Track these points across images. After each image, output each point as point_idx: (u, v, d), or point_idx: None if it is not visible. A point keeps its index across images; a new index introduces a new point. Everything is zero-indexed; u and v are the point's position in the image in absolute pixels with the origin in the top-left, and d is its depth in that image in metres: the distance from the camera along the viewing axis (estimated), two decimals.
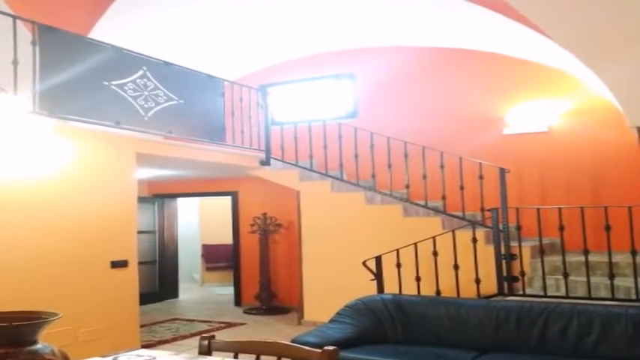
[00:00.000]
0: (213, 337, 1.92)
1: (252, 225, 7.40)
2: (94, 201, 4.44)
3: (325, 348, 1.70)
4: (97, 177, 4.49)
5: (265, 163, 6.22)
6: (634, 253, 3.99)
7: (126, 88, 4.77)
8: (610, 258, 4.10)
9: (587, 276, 4.18)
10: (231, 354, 1.87)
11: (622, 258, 4.41)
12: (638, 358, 3.06)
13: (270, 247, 7.43)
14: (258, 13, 5.84)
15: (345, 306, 3.93)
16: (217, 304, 8.11)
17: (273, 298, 7.31)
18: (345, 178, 5.98)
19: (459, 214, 5.23)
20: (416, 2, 5.39)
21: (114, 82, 4.68)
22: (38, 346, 1.43)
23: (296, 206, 6.25)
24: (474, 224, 4.80)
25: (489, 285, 4.66)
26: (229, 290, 8.38)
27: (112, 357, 1.76)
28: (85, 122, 4.44)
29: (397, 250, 4.77)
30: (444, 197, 5.36)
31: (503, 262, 4.63)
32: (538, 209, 4.44)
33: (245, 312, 7.21)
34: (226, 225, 8.26)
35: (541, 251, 4.45)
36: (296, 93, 7.48)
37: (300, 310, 6.20)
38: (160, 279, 8.47)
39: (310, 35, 6.64)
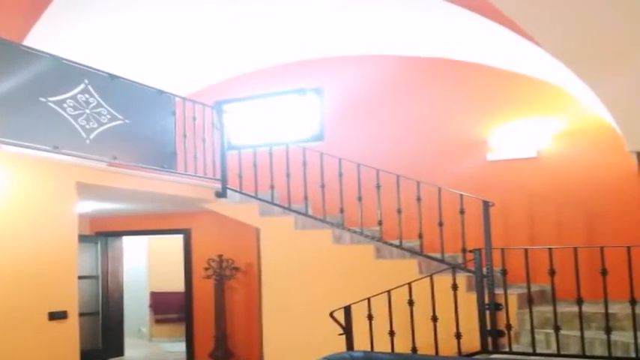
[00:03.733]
0: None
1: (207, 269, 7.09)
2: (28, 240, 4.14)
3: None
4: (31, 212, 4.21)
5: (221, 194, 5.92)
6: (633, 302, 3.76)
7: (65, 105, 4.53)
8: (606, 308, 3.87)
9: (581, 330, 3.95)
10: None
11: (620, 308, 4.21)
12: None
13: (226, 296, 7.11)
14: (213, 18, 5.65)
15: None
16: None
17: (230, 356, 6.97)
18: (310, 212, 5.73)
19: (438, 255, 4.98)
20: (389, 3, 5.23)
21: (51, 99, 4.44)
22: None
23: (255, 246, 5.98)
24: (454, 268, 4.57)
25: (472, 340, 4.38)
26: (181, 347, 8.02)
27: None
28: (19, 146, 4.15)
29: (368, 299, 4.53)
30: (420, 236, 5.12)
31: (487, 313, 4.39)
32: (526, 250, 4.23)
33: None
34: (177, 269, 7.91)
35: (529, 300, 4.21)
36: (256, 111, 7.27)
37: None
38: (103, 333, 8.02)
39: (272, 43, 6.46)
